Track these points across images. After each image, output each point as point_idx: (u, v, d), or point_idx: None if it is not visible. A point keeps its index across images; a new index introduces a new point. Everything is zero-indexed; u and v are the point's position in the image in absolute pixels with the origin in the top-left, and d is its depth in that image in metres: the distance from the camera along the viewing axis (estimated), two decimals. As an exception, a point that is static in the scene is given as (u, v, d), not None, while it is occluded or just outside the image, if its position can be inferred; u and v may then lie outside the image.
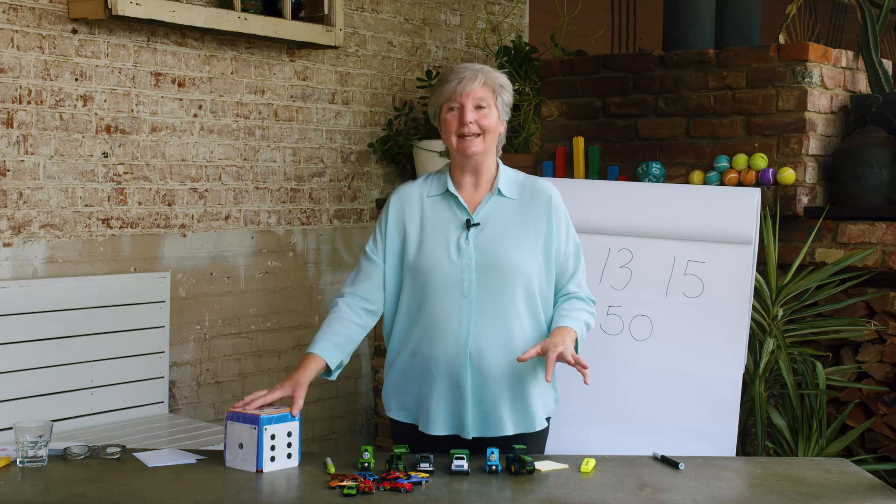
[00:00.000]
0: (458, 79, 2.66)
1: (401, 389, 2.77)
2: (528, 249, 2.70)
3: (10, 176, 3.73)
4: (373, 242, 2.78)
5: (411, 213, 2.74)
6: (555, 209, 2.75)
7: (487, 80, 2.68)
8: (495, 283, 2.66)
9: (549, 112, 4.75)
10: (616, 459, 2.70)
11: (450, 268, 2.67)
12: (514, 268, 2.67)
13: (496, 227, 2.70)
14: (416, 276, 2.70)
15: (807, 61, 4.13)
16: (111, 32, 3.98)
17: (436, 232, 2.71)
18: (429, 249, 2.69)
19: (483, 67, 2.70)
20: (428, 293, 2.68)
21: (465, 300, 2.66)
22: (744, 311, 3.33)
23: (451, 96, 2.67)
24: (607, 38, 5.92)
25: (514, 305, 2.68)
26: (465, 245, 2.68)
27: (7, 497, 2.32)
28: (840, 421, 3.80)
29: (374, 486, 2.38)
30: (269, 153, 4.58)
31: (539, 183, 2.79)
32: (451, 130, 2.68)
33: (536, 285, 2.71)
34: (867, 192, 4.12)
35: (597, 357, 3.41)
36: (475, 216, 2.71)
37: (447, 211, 2.73)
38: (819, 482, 2.53)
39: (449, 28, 5.42)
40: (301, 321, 4.76)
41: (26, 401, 3.71)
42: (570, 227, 2.80)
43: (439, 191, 2.75)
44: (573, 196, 3.63)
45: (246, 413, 2.51)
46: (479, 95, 2.67)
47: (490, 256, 2.67)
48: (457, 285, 2.66)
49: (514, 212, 2.73)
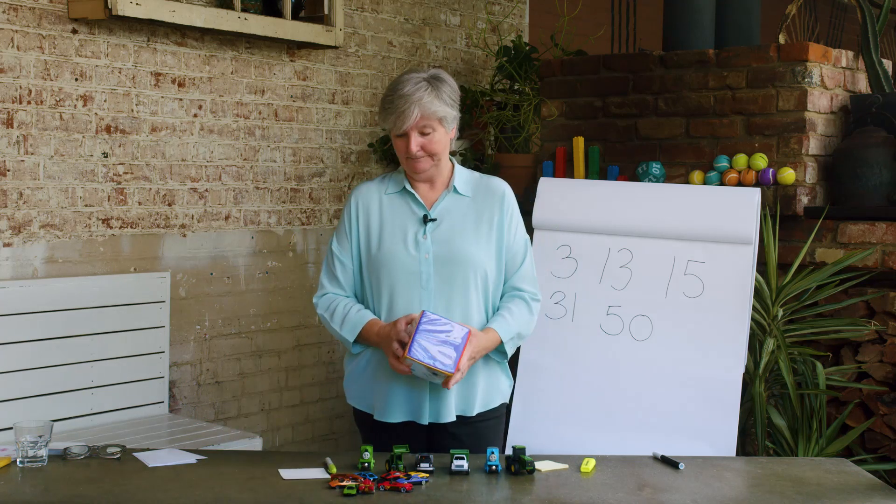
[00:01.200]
0: (397, 112, 2.72)
1: (359, 379, 2.88)
2: (482, 243, 2.82)
3: (10, 176, 3.73)
4: (338, 242, 2.88)
5: (371, 210, 2.85)
6: (507, 205, 2.87)
7: (425, 113, 2.71)
8: (452, 275, 2.78)
9: (549, 112, 4.75)
10: (616, 459, 2.70)
11: (408, 261, 2.78)
12: (470, 260, 2.79)
13: (452, 223, 2.82)
14: (375, 270, 2.81)
15: (807, 61, 4.13)
16: (111, 32, 3.98)
17: (394, 227, 2.82)
18: (388, 244, 2.81)
19: (421, 97, 2.70)
20: (387, 286, 2.80)
21: (424, 292, 2.77)
22: (744, 311, 3.33)
23: (392, 127, 2.76)
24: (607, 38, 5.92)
25: (470, 296, 2.80)
26: (423, 240, 2.79)
27: (7, 497, 2.32)
28: (840, 421, 3.80)
29: (374, 486, 2.38)
30: (269, 153, 4.58)
31: (493, 181, 2.91)
32: (401, 153, 2.79)
33: (490, 277, 2.84)
34: (867, 192, 4.12)
35: (597, 357, 3.43)
36: (432, 212, 2.83)
37: (405, 207, 2.84)
38: (819, 482, 2.53)
39: (449, 28, 5.42)
40: (301, 321, 4.76)
41: (26, 401, 3.71)
42: (520, 223, 2.92)
43: (397, 188, 2.86)
44: (573, 196, 3.64)
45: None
46: (422, 124, 2.74)
47: (447, 250, 2.79)
48: (415, 277, 2.77)
49: (468, 208, 2.85)
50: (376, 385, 2.84)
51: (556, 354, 3.46)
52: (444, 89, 2.75)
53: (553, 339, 3.47)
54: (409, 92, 2.71)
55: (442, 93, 2.74)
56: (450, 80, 2.80)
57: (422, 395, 2.78)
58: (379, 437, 2.82)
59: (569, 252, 3.54)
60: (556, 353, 3.46)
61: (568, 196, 3.63)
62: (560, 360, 3.46)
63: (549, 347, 3.46)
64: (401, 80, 2.77)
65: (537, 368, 3.47)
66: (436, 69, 2.83)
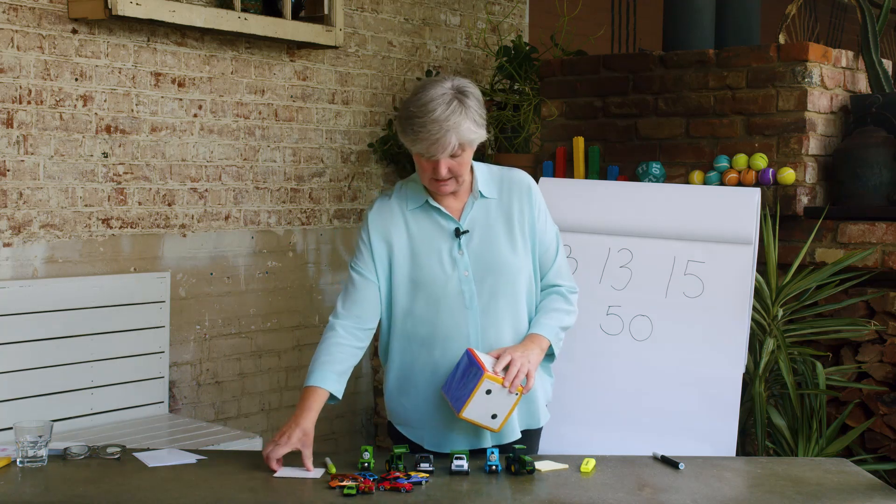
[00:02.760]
0: (430, 140, 2.47)
1: (405, 407, 2.70)
2: (518, 247, 2.65)
3: (10, 176, 3.73)
4: (360, 260, 2.66)
5: (395, 228, 2.64)
6: (535, 199, 2.69)
7: (462, 141, 2.49)
8: (496, 287, 2.62)
9: (549, 112, 4.75)
10: (616, 459, 2.70)
11: (447, 282, 2.60)
12: (512, 269, 2.64)
13: (485, 231, 2.64)
14: (412, 293, 2.62)
15: (807, 61, 4.12)
16: (111, 32, 3.98)
17: (425, 246, 2.62)
18: (424, 265, 2.61)
19: (456, 122, 2.47)
20: (428, 310, 2.61)
21: (470, 311, 2.61)
22: (744, 311, 3.33)
23: (424, 152, 2.51)
24: (607, 38, 5.92)
25: (517, 305, 2.66)
26: (459, 256, 2.61)
27: (7, 497, 2.31)
28: (840, 421, 3.80)
29: (374, 486, 2.38)
30: (269, 153, 4.58)
31: (515, 175, 2.71)
32: (425, 173, 2.57)
33: (532, 279, 2.70)
34: (867, 192, 4.12)
35: (597, 357, 3.43)
36: (462, 223, 2.64)
37: (431, 222, 2.64)
38: (819, 482, 2.53)
39: (449, 28, 5.42)
40: (301, 321, 4.76)
41: (26, 401, 3.71)
42: (548, 215, 2.74)
43: (418, 203, 2.64)
44: (573, 196, 3.64)
45: None
46: (454, 148, 2.50)
47: (487, 262, 2.62)
48: (458, 298, 2.60)
49: (497, 210, 2.66)
50: (429, 419, 2.66)
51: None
52: (473, 106, 2.51)
53: (553, 339, 3.46)
54: (442, 117, 2.46)
55: (472, 111, 2.51)
56: (476, 93, 2.55)
57: None
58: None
59: (569, 252, 3.53)
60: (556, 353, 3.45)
61: (568, 196, 3.63)
62: (560, 361, 3.45)
63: (549, 347, 3.45)
64: (428, 96, 2.49)
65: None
66: (459, 79, 2.56)
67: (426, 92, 2.51)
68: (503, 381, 2.47)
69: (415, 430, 2.70)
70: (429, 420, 2.66)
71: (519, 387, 2.49)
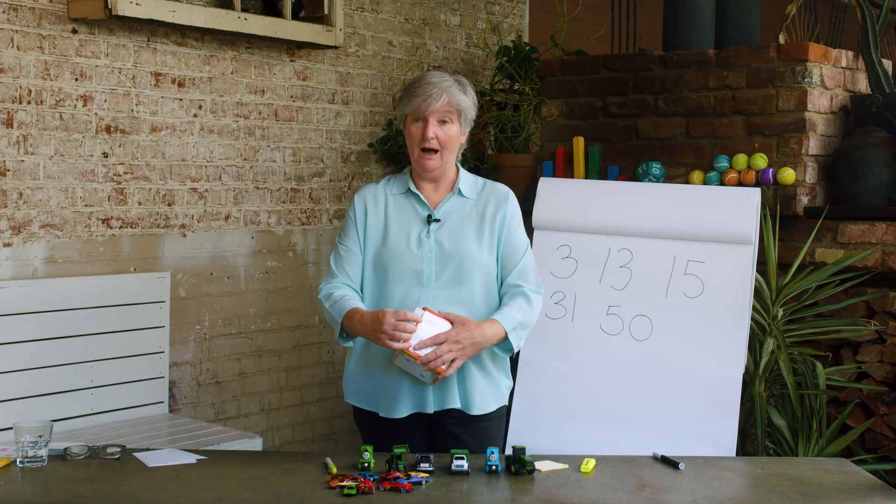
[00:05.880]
0: (424, 95, 2.81)
1: (360, 376, 2.90)
2: (484, 242, 2.87)
3: (10, 176, 3.73)
4: (346, 236, 2.92)
5: (376, 209, 2.90)
6: (510, 207, 2.92)
7: (452, 101, 2.83)
8: (455, 274, 2.82)
9: (549, 112, 4.75)
10: (616, 459, 2.70)
11: (409, 259, 2.83)
12: (473, 260, 2.85)
13: (455, 223, 2.87)
14: (377, 268, 2.86)
15: (807, 61, 4.13)
16: (111, 32, 3.98)
17: (398, 227, 2.87)
18: (391, 243, 2.85)
19: (449, 87, 2.83)
20: (388, 283, 2.84)
21: (425, 290, 2.81)
22: (744, 311, 3.33)
23: (416, 110, 2.83)
24: (607, 38, 5.91)
25: (472, 295, 2.84)
26: (426, 238, 2.84)
27: (7, 497, 2.32)
28: (840, 421, 3.80)
29: (374, 486, 2.38)
30: (269, 153, 4.58)
31: (498, 187, 2.97)
32: (415, 142, 2.85)
33: (493, 274, 2.89)
34: (867, 192, 4.12)
35: (597, 357, 3.43)
36: (436, 213, 2.88)
37: (409, 206, 2.90)
38: (819, 482, 2.53)
39: (449, 28, 5.42)
40: (301, 321, 4.76)
41: (26, 401, 3.71)
42: (520, 226, 2.95)
43: (401, 190, 2.93)
44: (573, 196, 3.64)
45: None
46: (445, 110, 2.82)
47: (448, 248, 2.83)
48: (415, 275, 2.82)
49: (472, 209, 2.90)
50: (379, 382, 2.85)
51: (556, 354, 3.46)
52: (469, 91, 2.88)
53: (553, 339, 3.47)
54: (437, 81, 2.82)
55: (468, 91, 2.87)
56: (472, 87, 2.91)
57: (425, 385, 2.80)
58: (381, 436, 2.83)
59: (569, 252, 3.54)
60: (556, 353, 3.46)
61: (568, 196, 3.63)
62: (560, 360, 3.46)
63: (549, 347, 3.46)
64: (427, 73, 2.90)
65: (537, 368, 3.47)
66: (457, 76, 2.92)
67: (426, 72, 2.96)
68: (417, 361, 2.67)
69: (371, 399, 2.88)
70: (382, 387, 2.85)
71: (437, 368, 2.67)
